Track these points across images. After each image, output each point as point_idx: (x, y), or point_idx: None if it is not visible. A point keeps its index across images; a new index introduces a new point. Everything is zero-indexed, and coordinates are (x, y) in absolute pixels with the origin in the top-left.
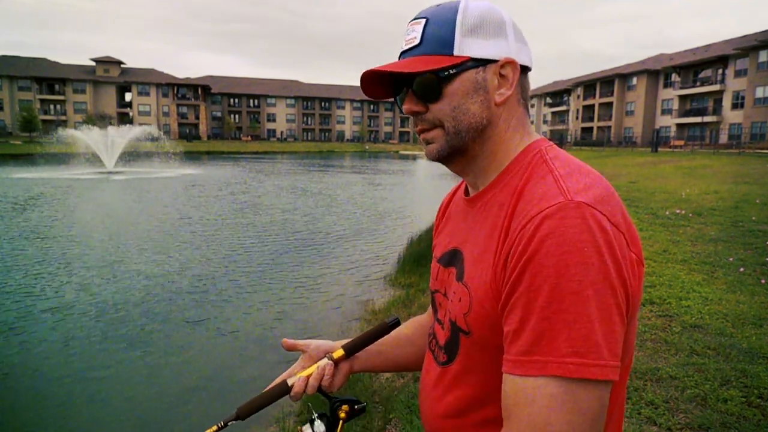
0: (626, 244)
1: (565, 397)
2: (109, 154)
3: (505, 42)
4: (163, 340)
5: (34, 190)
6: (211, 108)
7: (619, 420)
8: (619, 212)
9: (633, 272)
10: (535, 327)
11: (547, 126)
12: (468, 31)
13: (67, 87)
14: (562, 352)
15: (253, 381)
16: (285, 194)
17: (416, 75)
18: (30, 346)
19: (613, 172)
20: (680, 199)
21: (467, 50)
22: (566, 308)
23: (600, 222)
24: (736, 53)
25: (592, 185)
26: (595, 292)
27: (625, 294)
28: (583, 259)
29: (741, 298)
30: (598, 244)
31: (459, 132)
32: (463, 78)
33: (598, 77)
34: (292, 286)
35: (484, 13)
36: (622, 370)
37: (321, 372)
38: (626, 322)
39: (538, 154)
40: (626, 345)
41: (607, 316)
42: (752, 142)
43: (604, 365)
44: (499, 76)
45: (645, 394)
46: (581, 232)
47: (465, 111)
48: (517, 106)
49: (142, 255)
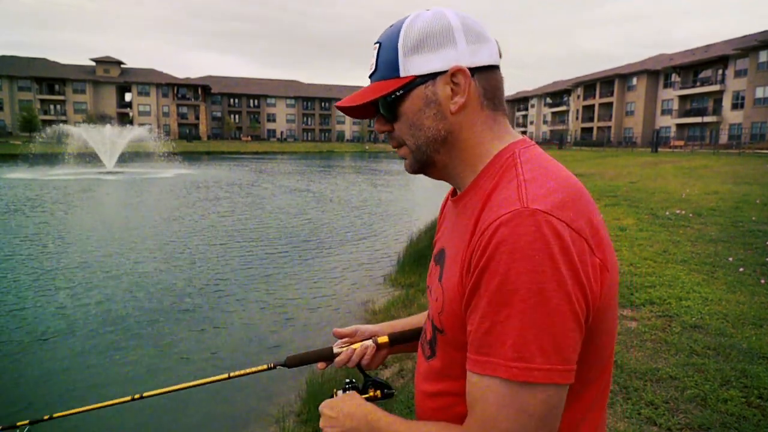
0: (589, 250)
1: (511, 398)
2: (108, 154)
3: (454, 50)
4: (155, 341)
5: (34, 190)
6: (211, 108)
7: (596, 419)
8: (583, 218)
9: (595, 278)
10: (488, 330)
11: (547, 126)
12: (410, 50)
13: (67, 87)
14: (509, 356)
15: (253, 380)
16: (285, 194)
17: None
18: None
19: (613, 172)
20: (680, 200)
21: (412, 69)
22: (515, 314)
23: (555, 229)
24: (736, 53)
25: (555, 191)
26: (545, 298)
27: (584, 300)
28: (534, 266)
29: (741, 299)
30: (551, 252)
31: (420, 147)
32: (412, 96)
33: (598, 77)
34: (291, 286)
35: (427, 26)
36: (597, 372)
37: (363, 350)
38: (585, 326)
39: (511, 158)
40: (598, 348)
41: (559, 321)
42: (752, 143)
43: (549, 369)
44: (452, 84)
45: (645, 394)
46: (534, 240)
47: (420, 126)
48: (480, 109)
49: (139, 255)
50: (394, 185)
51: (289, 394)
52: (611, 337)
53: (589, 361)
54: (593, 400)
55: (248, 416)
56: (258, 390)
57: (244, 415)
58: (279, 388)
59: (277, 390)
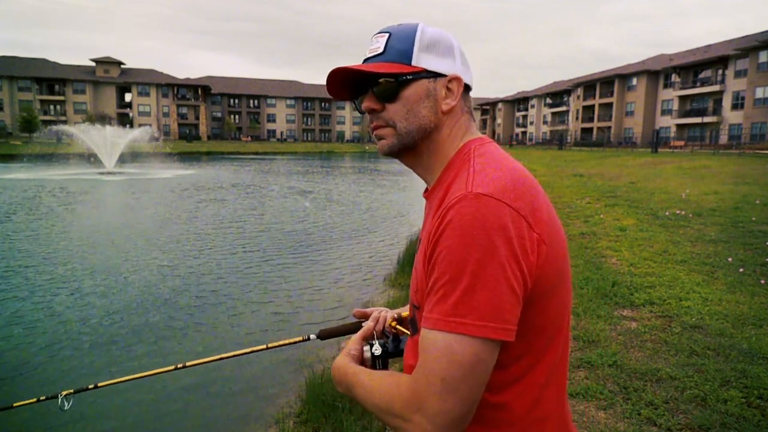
0: (527, 226)
1: (447, 349)
2: (108, 155)
3: (453, 62)
4: (155, 347)
5: (35, 190)
6: (211, 108)
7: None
8: (522, 199)
9: (532, 250)
10: (437, 293)
11: (547, 126)
12: (424, 48)
13: (67, 87)
14: (449, 312)
15: (253, 380)
16: (285, 194)
17: (380, 75)
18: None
19: (613, 172)
20: (680, 200)
21: (423, 63)
22: (457, 279)
23: (495, 209)
24: (736, 53)
25: (498, 178)
26: (482, 266)
27: (518, 269)
28: (473, 240)
29: (741, 299)
30: (487, 227)
31: (410, 132)
32: (417, 85)
33: (598, 78)
34: (290, 286)
35: (438, 36)
36: (550, 337)
37: (383, 319)
38: (524, 293)
39: (467, 153)
40: (547, 314)
41: (492, 286)
42: (752, 143)
43: (481, 325)
44: (447, 89)
45: (645, 394)
46: (474, 218)
47: (416, 113)
48: (461, 114)
49: (138, 256)
50: (395, 186)
51: (289, 395)
52: (562, 306)
53: (541, 326)
54: (554, 365)
55: (248, 416)
56: (258, 390)
57: (244, 415)
58: (279, 389)
59: (277, 390)
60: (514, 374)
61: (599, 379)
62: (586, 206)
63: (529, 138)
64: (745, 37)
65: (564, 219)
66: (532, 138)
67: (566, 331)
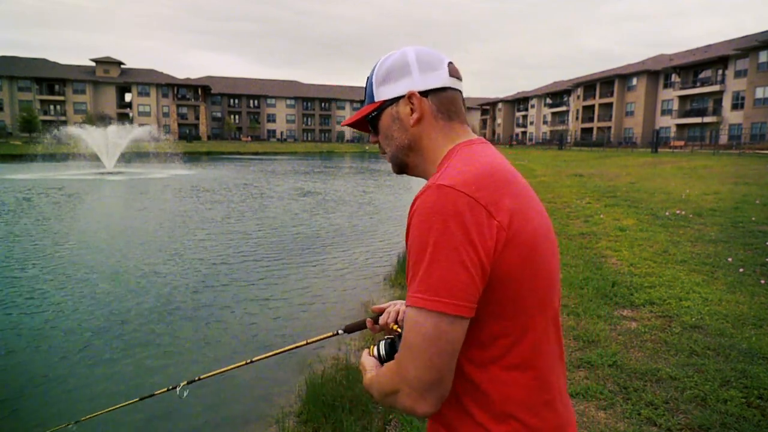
0: (486, 214)
1: (415, 321)
2: (108, 155)
3: (410, 79)
4: (157, 344)
5: (35, 190)
6: (211, 108)
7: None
8: (484, 189)
9: (490, 236)
10: (409, 274)
11: (547, 126)
12: (380, 82)
13: (67, 87)
14: (414, 289)
15: (253, 380)
16: (284, 194)
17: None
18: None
19: (613, 173)
20: (680, 200)
21: (382, 95)
22: (420, 261)
23: (453, 198)
24: (736, 54)
25: (464, 172)
26: (437, 248)
27: (474, 252)
28: (432, 225)
29: (741, 299)
30: (444, 213)
31: (394, 154)
32: (384, 115)
33: (597, 78)
34: (290, 287)
35: (391, 64)
36: (526, 320)
37: (397, 310)
38: (483, 274)
39: (450, 155)
40: (518, 297)
41: (447, 266)
42: (752, 143)
43: (438, 301)
44: (410, 104)
45: (645, 394)
46: (433, 206)
47: (391, 137)
48: (435, 121)
49: (138, 254)
50: (395, 186)
51: (289, 395)
52: (539, 293)
53: (513, 310)
54: (532, 350)
55: (248, 416)
56: (258, 390)
57: (244, 416)
58: (279, 388)
59: (277, 390)
60: (493, 354)
61: (599, 379)
62: (586, 206)
63: (529, 138)
64: (745, 37)
65: (564, 219)
66: (532, 138)
67: (550, 320)
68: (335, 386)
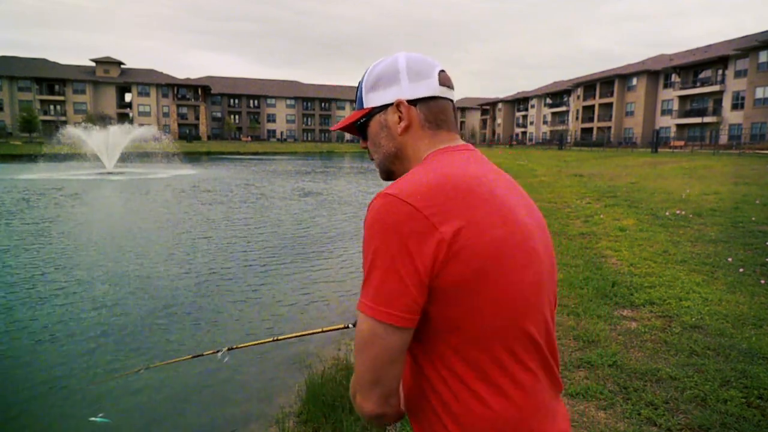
0: (429, 225)
1: (358, 323)
2: (108, 155)
3: (398, 87)
4: (160, 340)
5: (35, 190)
6: (211, 108)
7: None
8: (433, 199)
9: (429, 247)
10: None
11: (547, 126)
12: (369, 89)
13: (67, 87)
14: (361, 294)
15: (253, 380)
16: (285, 194)
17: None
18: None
19: (613, 173)
20: (680, 200)
21: (371, 102)
22: (365, 267)
23: (395, 207)
24: (736, 54)
25: (415, 181)
26: (376, 256)
27: (411, 263)
28: (373, 234)
29: (741, 299)
30: (383, 223)
31: (381, 161)
32: (372, 122)
33: (598, 78)
34: (289, 287)
35: (381, 71)
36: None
37: None
38: (420, 285)
39: (423, 161)
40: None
41: (381, 274)
42: (752, 143)
43: (371, 306)
44: (399, 112)
45: (645, 394)
46: (375, 215)
47: (379, 145)
48: (422, 130)
49: (138, 255)
50: None
51: (289, 395)
52: (495, 304)
53: (472, 324)
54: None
55: (248, 416)
56: (258, 390)
57: (244, 416)
58: (279, 388)
59: (277, 390)
60: (458, 370)
61: (599, 379)
62: (586, 206)
63: (529, 138)
64: (745, 37)
65: (564, 219)
66: (532, 138)
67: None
68: (335, 386)
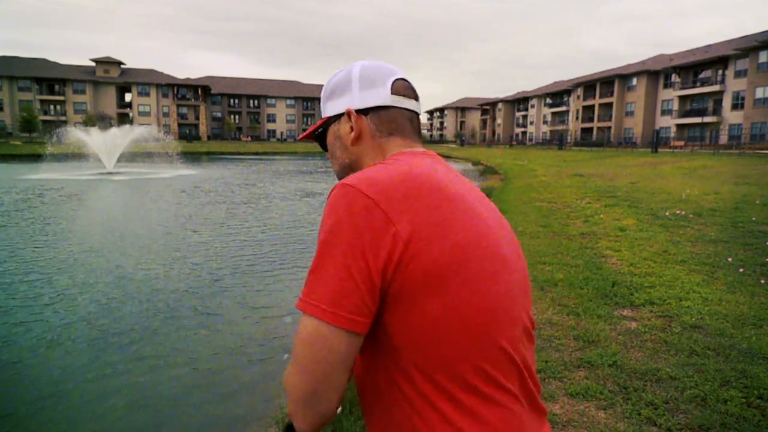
0: (384, 218)
1: (300, 321)
2: (108, 155)
3: (350, 97)
4: (162, 341)
5: (35, 190)
6: (211, 108)
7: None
8: (389, 192)
9: (384, 244)
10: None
11: (547, 126)
12: (326, 98)
13: (67, 87)
14: (302, 290)
15: (253, 380)
16: (284, 194)
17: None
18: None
19: (613, 173)
20: (680, 200)
21: (327, 112)
22: (313, 261)
23: (351, 197)
24: (736, 54)
25: (372, 174)
26: (327, 246)
27: (363, 261)
28: (326, 225)
29: (741, 299)
30: (340, 215)
31: (338, 172)
32: (329, 132)
33: (598, 78)
34: (289, 287)
35: (336, 80)
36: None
37: None
38: (370, 283)
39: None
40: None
41: (331, 270)
42: (752, 143)
43: (316, 305)
44: (350, 122)
45: (645, 394)
46: (332, 203)
47: (335, 155)
48: (372, 140)
49: (138, 254)
50: None
51: None
52: (459, 316)
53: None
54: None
55: (248, 416)
56: (258, 390)
57: (244, 415)
58: (279, 388)
59: (277, 390)
60: (421, 387)
61: (599, 379)
62: (585, 206)
63: (529, 138)
64: (745, 37)
65: (564, 219)
66: (532, 138)
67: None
68: None
